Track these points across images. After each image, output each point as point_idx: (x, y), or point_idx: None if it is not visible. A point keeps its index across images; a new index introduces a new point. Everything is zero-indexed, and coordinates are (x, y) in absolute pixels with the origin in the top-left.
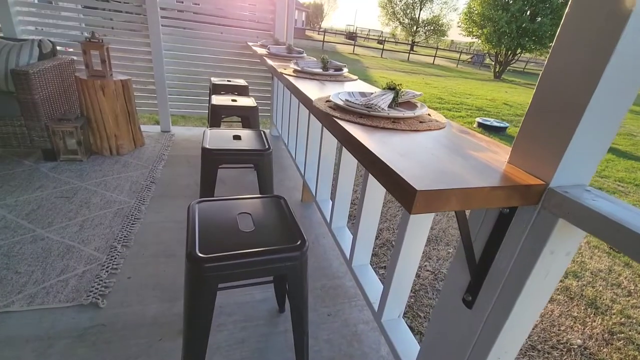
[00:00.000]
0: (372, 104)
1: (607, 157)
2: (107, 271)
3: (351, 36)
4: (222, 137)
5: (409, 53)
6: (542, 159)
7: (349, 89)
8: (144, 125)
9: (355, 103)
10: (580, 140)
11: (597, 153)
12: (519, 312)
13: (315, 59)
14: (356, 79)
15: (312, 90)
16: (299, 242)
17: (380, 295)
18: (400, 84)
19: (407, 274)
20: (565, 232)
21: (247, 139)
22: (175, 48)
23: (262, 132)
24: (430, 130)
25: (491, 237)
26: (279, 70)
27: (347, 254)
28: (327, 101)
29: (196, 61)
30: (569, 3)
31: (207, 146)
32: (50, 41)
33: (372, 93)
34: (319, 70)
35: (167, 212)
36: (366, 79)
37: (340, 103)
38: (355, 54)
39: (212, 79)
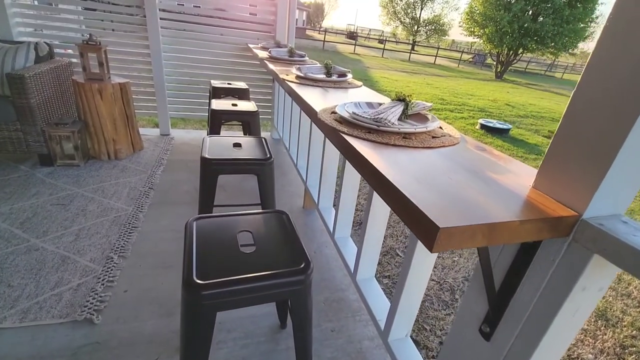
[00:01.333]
0: (381, 118)
1: None
2: (103, 284)
3: (352, 36)
4: (222, 145)
5: (410, 53)
6: (575, 186)
7: (353, 96)
8: (143, 129)
9: (363, 116)
10: (622, 167)
11: (638, 179)
12: (545, 350)
13: (318, 64)
14: (361, 85)
15: (316, 99)
16: (302, 265)
17: (387, 314)
18: (411, 95)
19: (416, 293)
20: (599, 267)
21: (247, 147)
22: (175, 50)
23: (263, 139)
24: (444, 146)
25: (513, 266)
26: (281, 76)
27: (352, 267)
28: (332, 112)
29: (196, 63)
30: (614, 3)
31: (207, 155)
32: (47, 44)
33: (379, 104)
34: (322, 76)
35: (166, 220)
36: (367, 79)
37: (347, 116)
38: (356, 54)
39: (212, 81)
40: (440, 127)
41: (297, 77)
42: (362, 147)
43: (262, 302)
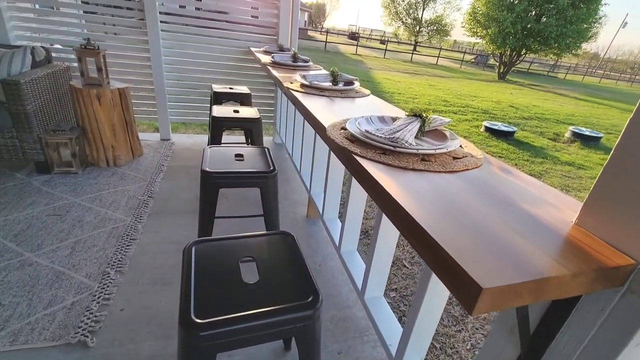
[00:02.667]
0: (397, 138)
1: None
2: (99, 302)
3: (354, 36)
4: (223, 156)
5: (412, 53)
6: (632, 228)
7: (362, 107)
8: (143, 133)
9: (377, 135)
10: None
11: None
12: None
13: (322, 70)
14: (369, 94)
15: (323, 111)
16: (311, 298)
17: (400, 339)
18: (428, 111)
19: (432, 319)
20: None
21: (250, 158)
22: (176, 53)
23: (266, 149)
24: (467, 169)
25: (552, 310)
26: (285, 84)
27: (359, 284)
28: (342, 129)
29: (197, 67)
30: None
31: (207, 168)
32: (44, 48)
33: (393, 118)
34: (328, 85)
35: (165, 231)
36: (369, 80)
37: (358, 133)
38: (358, 55)
39: (213, 86)
40: (462, 146)
41: (302, 85)
42: (377, 172)
43: (267, 341)
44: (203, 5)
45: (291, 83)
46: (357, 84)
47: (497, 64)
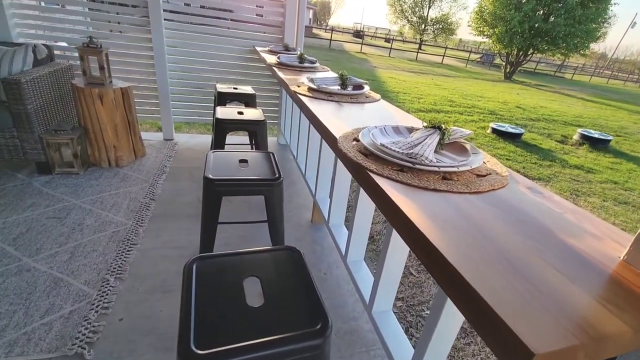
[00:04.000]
0: (416, 153)
1: (630, 167)
2: (97, 311)
3: (359, 34)
4: (227, 162)
5: (417, 52)
6: None
7: (372, 113)
8: (146, 133)
9: (394, 149)
10: None
11: None
12: None
13: (329, 71)
14: (379, 99)
15: (332, 117)
16: (319, 325)
17: None
18: (447, 123)
19: (446, 342)
20: None
21: (254, 163)
22: (179, 52)
23: (271, 155)
24: (493, 189)
25: None
26: (292, 88)
27: (366, 298)
28: (354, 140)
29: (201, 66)
30: None
31: (210, 175)
32: (46, 46)
33: (408, 129)
34: (337, 88)
35: (167, 235)
36: (374, 79)
37: (373, 147)
38: (363, 53)
39: (218, 85)
40: (484, 161)
41: (310, 89)
42: (394, 192)
43: None
44: (208, 3)
45: (298, 86)
46: (366, 88)
47: (504, 63)
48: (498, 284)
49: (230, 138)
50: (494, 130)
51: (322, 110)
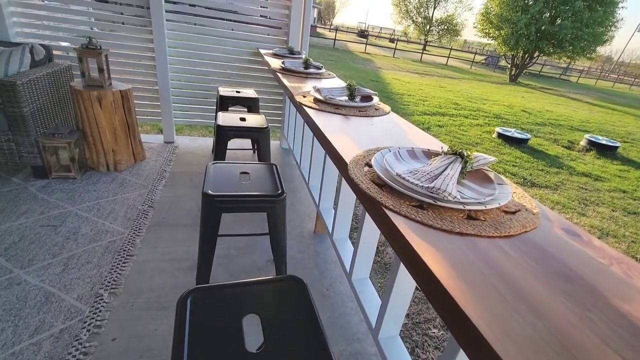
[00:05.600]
0: (438, 188)
1: (638, 175)
2: (89, 330)
3: (363, 34)
4: (228, 176)
5: (422, 53)
6: None
7: (383, 128)
8: (146, 135)
9: (411, 181)
10: None
11: None
12: None
13: (337, 81)
14: (389, 112)
15: (339, 133)
16: None
17: None
18: (470, 150)
19: None
20: None
21: (256, 177)
22: (181, 53)
23: (274, 167)
24: (525, 232)
25: None
26: (297, 99)
27: (372, 321)
28: (366, 165)
29: (203, 67)
30: None
31: (210, 191)
32: (44, 46)
33: (425, 152)
34: (344, 100)
35: (164, 246)
36: (379, 81)
37: (387, 176)
38: (367, 53)
39: (220, 89)
40: (513, 193)
41: (316, 100)
42: (413, 235)
43: None
44: (211, 3)
45: (304, 97)
46: (375, 99)
47: (509, 65)
48: None
49: (232, 141)
50: (500, 135)
51: (329, 125)
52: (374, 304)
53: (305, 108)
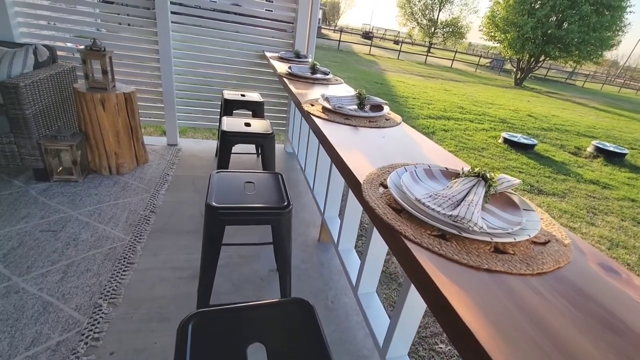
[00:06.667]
0: (462, 217)
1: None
2: (87, 342)
3: (367, 36)
4: (232, 186)
5: (426, 55)
6: None
7: (395, 141)
8: (150, 137)
9: (432, 208)
10: None
11: None
12: None
13: (345, 87)
14: (400, 123)
15: (350, 147)
16: None
17: None
18: (494, 171)
19: None
20: None
21: (261, 187)
22: (186, 55)
23: (279, 176)
24: (559, 268)
25: None
26: (305, 107)
27: (379, 340)
28: (382, 186)
29: (208, 70)
30: None
31: (213, 203)
32: (48, 47)
33: (442, 171)
34: (354, 108)
35: (166, 253)
36: (383, 83)
37: (406, 200)
38: (372, 55)
39: (224, 92)
40: (541, 219)
41: (324, 109)
42: (436, 270)
43: None
44: (217, 5)
45: (312, 105)
46: (386, 109)
47: (514, 69)
48: None
49: (237, 145)
50: (506, 140)
51: (339, 137)
52: (381, 321)
53: (314, 118)
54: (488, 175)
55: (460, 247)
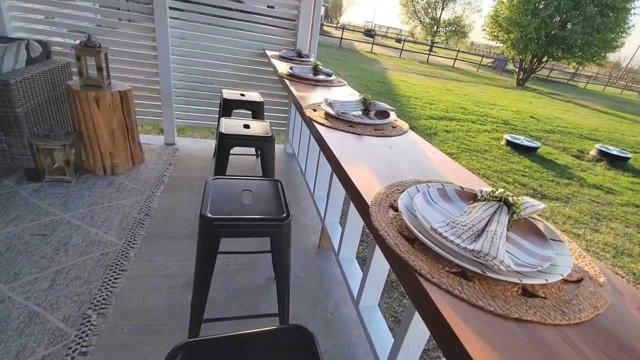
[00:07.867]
0: (486, 254)
1: None
2: (73, 357)
3: (369, 33)
4: (228, 194)
5: (429, 54)
6: None
7: (403, 152)
8: (146, 136)
9: (450, 240)
10: None
11: None
12: None
13: (348, 90)
14: (407, 131)
15: (355, 160)
16: None
17: None
18: (517, 197)
19: None
20: None
21: (260, 195)
22: (185, 52)
23: (279, 184)
24: (598, 314)
25: None
26: (307, 112)
27: (382, 359)
28: (392, 208)
29: (207, 67)
30: None
31: (208, 214)
32: (41, 42)
33: (458, 193)
34: (358, 114)
35: (160, 260)
36: (385, 82)
37: (420, 229)
38: (374, 53)
39: (224, 91)
40: (572, 255)
41: (327, 115)
42: (456, 318)
43: None
44: (217, 1)
45: (314, 110)
46: (393, 116)
47: (517, 69)
48: None
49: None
50: (509, 143)
51: (342, 147)
52: (384, 340)
53: (316, 125)
54: (511, 199)
55: (484, 289)
